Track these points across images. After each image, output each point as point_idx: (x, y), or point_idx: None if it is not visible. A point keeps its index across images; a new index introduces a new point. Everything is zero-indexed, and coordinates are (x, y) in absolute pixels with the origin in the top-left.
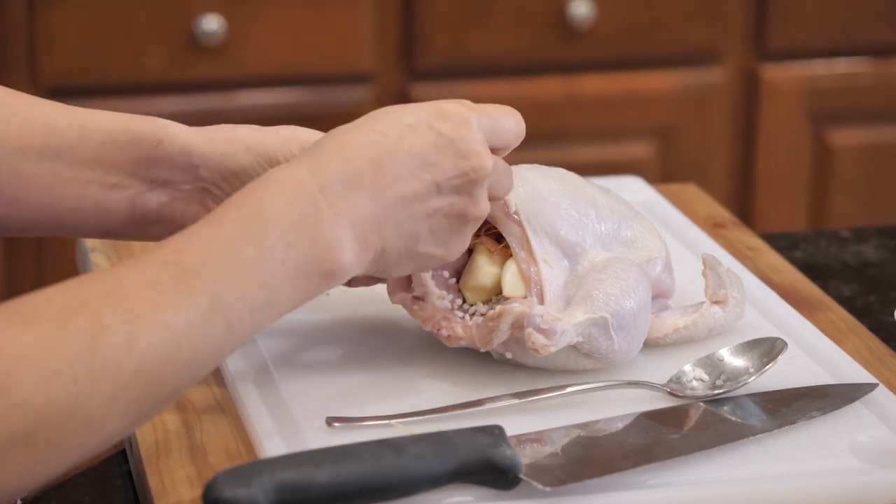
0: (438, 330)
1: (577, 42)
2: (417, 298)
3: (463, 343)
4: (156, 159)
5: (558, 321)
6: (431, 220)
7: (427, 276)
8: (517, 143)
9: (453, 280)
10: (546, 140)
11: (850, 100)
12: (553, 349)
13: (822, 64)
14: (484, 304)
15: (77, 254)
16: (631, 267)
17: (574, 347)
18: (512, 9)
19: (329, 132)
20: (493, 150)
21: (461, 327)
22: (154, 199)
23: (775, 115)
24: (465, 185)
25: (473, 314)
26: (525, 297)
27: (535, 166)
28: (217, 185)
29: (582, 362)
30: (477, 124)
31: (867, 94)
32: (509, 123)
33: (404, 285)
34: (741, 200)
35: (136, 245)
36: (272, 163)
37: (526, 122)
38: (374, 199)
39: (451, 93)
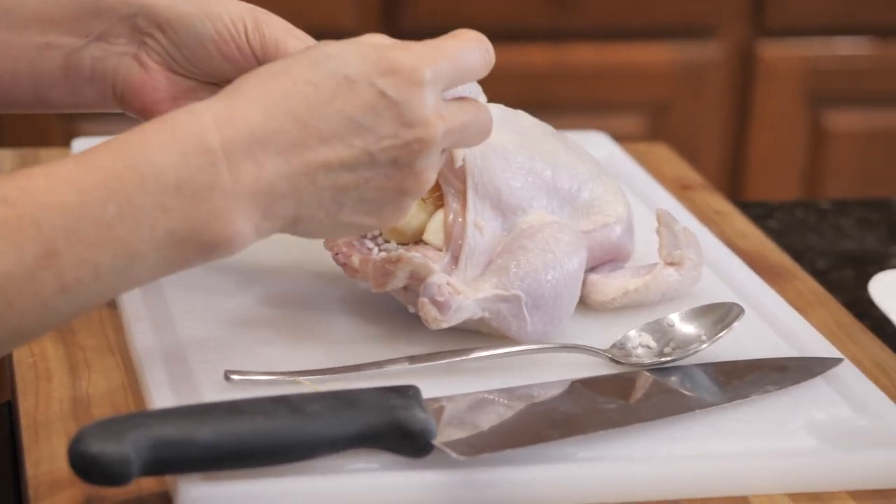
0: (336, 254)
1: (568, 9)
2: None
3: (358, 277)
4: (97, 11)
5: (457, 296)
6: (360, 190)
7: None
8: (485, 74)
9: None
10: (532, 110)
11: (849, 82)
12: (445, 325)
13: (822, 43)
14: (401, 244)
15: None
16: (565, 236)
17: (481, 320)
18: None
19: (255, 71)
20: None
21: (360, 259)
22: (88, 55)
23: (771, 94)
24: (406, 156)
25: (382, 251)
26: (441, 250)
27: (499, 108)
28: (152, 36)
29: (497, 331)
30: (432, 78)
31: (867, 77)
32: (474, 59)
33: None
34: (733, 181)
35: None
36: (214, 19)
37: (512, 90)
38: (291, 163)
39: None
